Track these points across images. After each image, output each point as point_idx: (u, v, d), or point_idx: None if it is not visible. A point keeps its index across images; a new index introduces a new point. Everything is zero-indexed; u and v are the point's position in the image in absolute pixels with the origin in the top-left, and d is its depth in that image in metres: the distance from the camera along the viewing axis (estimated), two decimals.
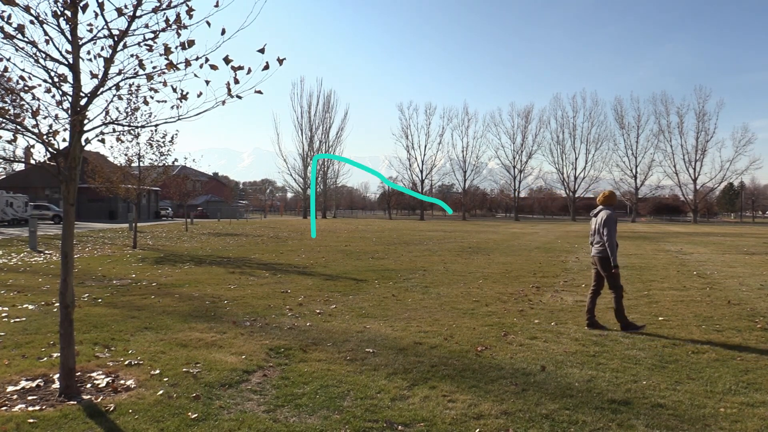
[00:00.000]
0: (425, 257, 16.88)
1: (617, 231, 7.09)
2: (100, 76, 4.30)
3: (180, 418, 3.90)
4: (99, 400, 4.22)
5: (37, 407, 4.07)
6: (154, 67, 4.40)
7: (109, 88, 4.42)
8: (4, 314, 7.43)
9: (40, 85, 4.37)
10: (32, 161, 4.91)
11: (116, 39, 4.22)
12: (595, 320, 7.04)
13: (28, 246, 18.46)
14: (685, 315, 7.87)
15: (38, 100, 4.42)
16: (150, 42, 4.31)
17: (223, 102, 4.48)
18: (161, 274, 11.98)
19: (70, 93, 4.28)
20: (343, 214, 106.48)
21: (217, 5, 4.29)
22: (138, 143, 19.30)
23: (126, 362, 5.17)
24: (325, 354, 5.59)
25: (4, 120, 4.35)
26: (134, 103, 9.23)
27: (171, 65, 4.33)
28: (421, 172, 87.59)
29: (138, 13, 4.18)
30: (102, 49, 4.29)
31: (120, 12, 4.12)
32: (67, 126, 4.38)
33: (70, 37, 4.19)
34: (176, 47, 4.27)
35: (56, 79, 4.24)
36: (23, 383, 4.56)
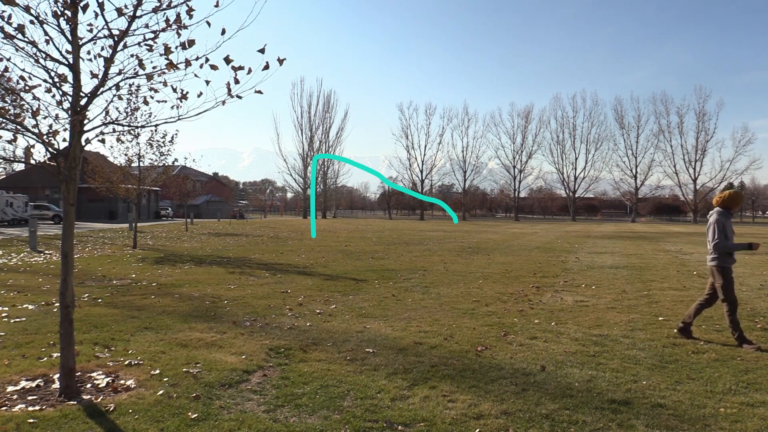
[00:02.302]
0: (425, 257, 16.88)
1: (733, 233, 6.29)
2: (100, 76, 4.30)
3: (180, 418, 3.90)
4: (99, 400, 4.22)
5: (37, 407, 4.07)
6: (154, 67, 4.40)
7: (109, 88, 4.42)
8: (4, 314, 7.43)
9: (40, 85, 4.37)
10: (32, 161, 4.91)
11: (116, 39, 4.22)
12: (690, 329, 6.47)
13: (28, 246, 18.46)
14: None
15: (38, 100, 4.42)
16: (150, 42, 4.31)
17: (223, 102, 4.48)
18: (161, 274, 11.98)
19: (70, 93, 4.28)
20: (343, 214, 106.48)
21: (217, 5, 4.29)
22: (138, 143, 19.31)
23: (126, 362, 5.17)
24: (325, 354, 5.59)
25: (4, 120, 4.35)
26: (134, 103, 9.28)
27: (171, 65, 4.33)
28: (421, 172, 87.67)
29: (138, 13, 4.17)
30: (102, 49, 4.29)
31: (120, 12, 4.12)
32: (67, 126, 4.38)
33: (70, 37, 4.19)
34: (176, 47, 4.27)
35: (56, 79, 4.24)
36: (23, 383, 4.56)
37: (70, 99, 4.30)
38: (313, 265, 14.36)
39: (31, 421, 3.80)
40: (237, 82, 4.39)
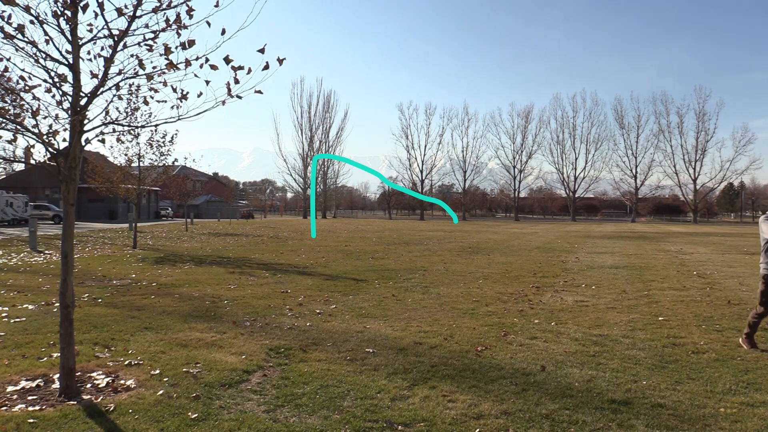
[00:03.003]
0: (425, 257, 16.88)
1: None
2: (100, 76, 4.30)
3: (180, 418, 3.90)
4: (99, 400, 4.22)
5: (37, 407, 4.07)
6: (154, 67, 4.40)
7: (109, 88, 4.42)
8: (4, 314, 7.43)
9: (40, 85, 4.36)
10: (32, 161, 4.91)
11: (116, 39, 4.22)
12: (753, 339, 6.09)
13: (28, 246, 18.46)
14: (685, 315, 7.87)
15: (38, 100, 4.42)
16: (150, 42, 4.31)
17: (223, 102, 4.48)
18: (161, 274, 11.98)
19: (70, 93, 4.28)
20: (343, 214, 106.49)
21: (217, 5, 4.29)
22: (138, 143, 19.32)
23: (126, 362, 5.17)
24: (325, 354, 5.59)
25: (4, 120, 4.35)
26: (134, 103, 9.29)
27: (171, 65, 4.33)
28: (421, 172, 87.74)
29: (138, 13, 4.17)
30: (102, 49, 4.29)
31: (120, 12, 4.11)
32: (67, 126, 4.38)
33: (70, 37, 4.19)
34: (176, 47, 4.27)
35: (56, 79, 4.24)
36: (23, 383, 4.56)
37: (70, 99, 4.30)
38: (313, 265, 14.35)
39: (31, 421, 3.80)
40: (237, 82, 4.39)
